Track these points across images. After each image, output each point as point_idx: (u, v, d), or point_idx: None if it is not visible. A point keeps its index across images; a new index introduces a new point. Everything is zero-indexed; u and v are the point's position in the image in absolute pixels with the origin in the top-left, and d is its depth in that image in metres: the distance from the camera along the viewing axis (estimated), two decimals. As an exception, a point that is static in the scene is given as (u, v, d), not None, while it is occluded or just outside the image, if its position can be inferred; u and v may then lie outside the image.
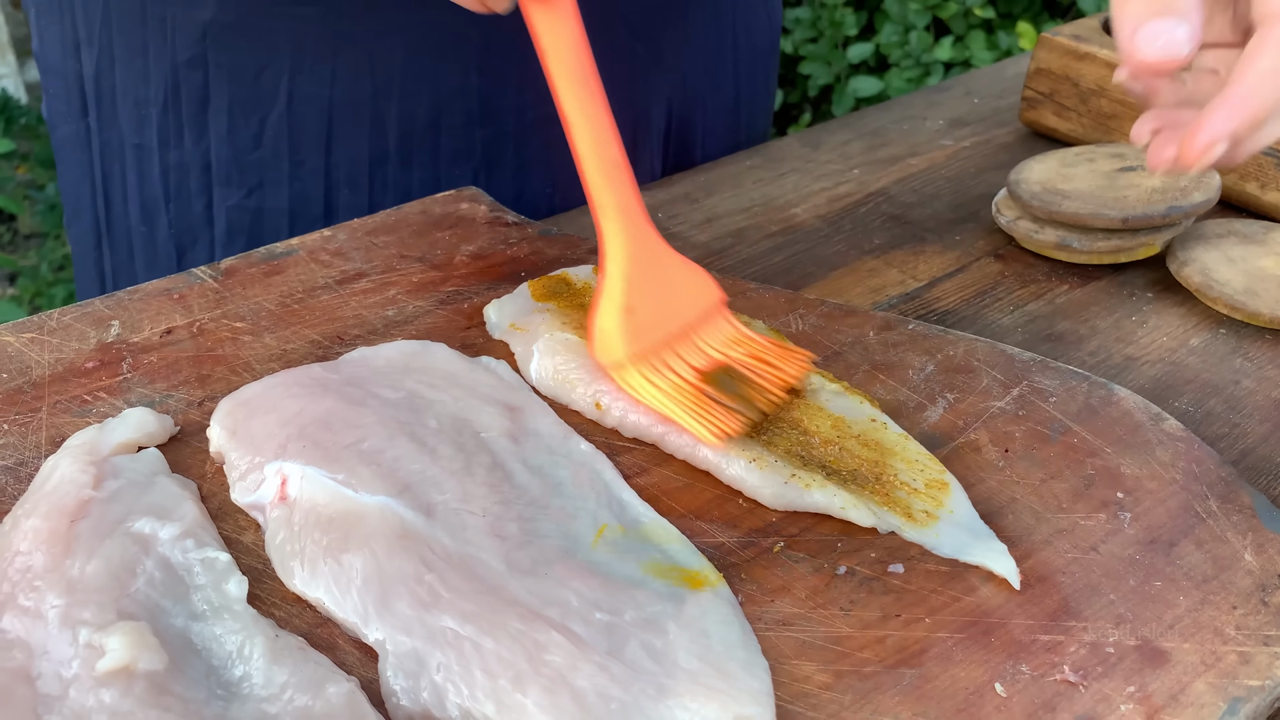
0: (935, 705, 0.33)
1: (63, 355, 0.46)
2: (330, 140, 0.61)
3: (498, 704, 0.31)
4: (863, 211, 0.63)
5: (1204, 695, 0.33)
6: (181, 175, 0.63)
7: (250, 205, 0.63)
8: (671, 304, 0.43)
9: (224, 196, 0.63)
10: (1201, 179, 0.56)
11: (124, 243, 0.67)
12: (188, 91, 0.60)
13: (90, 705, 0.30)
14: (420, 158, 0.63)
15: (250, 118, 0.61)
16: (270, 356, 0.46)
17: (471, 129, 0.64)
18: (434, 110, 0.62)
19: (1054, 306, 0.55)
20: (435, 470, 0.38)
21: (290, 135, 0.61)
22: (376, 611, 0.33)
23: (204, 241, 0.65)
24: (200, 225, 0.64)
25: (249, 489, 0.38)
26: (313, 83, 0.60)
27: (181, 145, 0.62)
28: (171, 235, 0.65)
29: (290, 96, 0.60)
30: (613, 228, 0.43)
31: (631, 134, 0.69)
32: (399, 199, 0.63)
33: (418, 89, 0.61)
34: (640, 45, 0.66)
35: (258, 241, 0.64)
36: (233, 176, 0.63)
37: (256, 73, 0.60)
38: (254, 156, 0.62)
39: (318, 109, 0.61)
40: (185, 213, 0.64)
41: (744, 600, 0.36)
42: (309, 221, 0.64)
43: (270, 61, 0.59)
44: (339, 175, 0.63)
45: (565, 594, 0.34)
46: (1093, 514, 0.39)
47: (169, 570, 0.35)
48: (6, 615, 0.32)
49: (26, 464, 0.40)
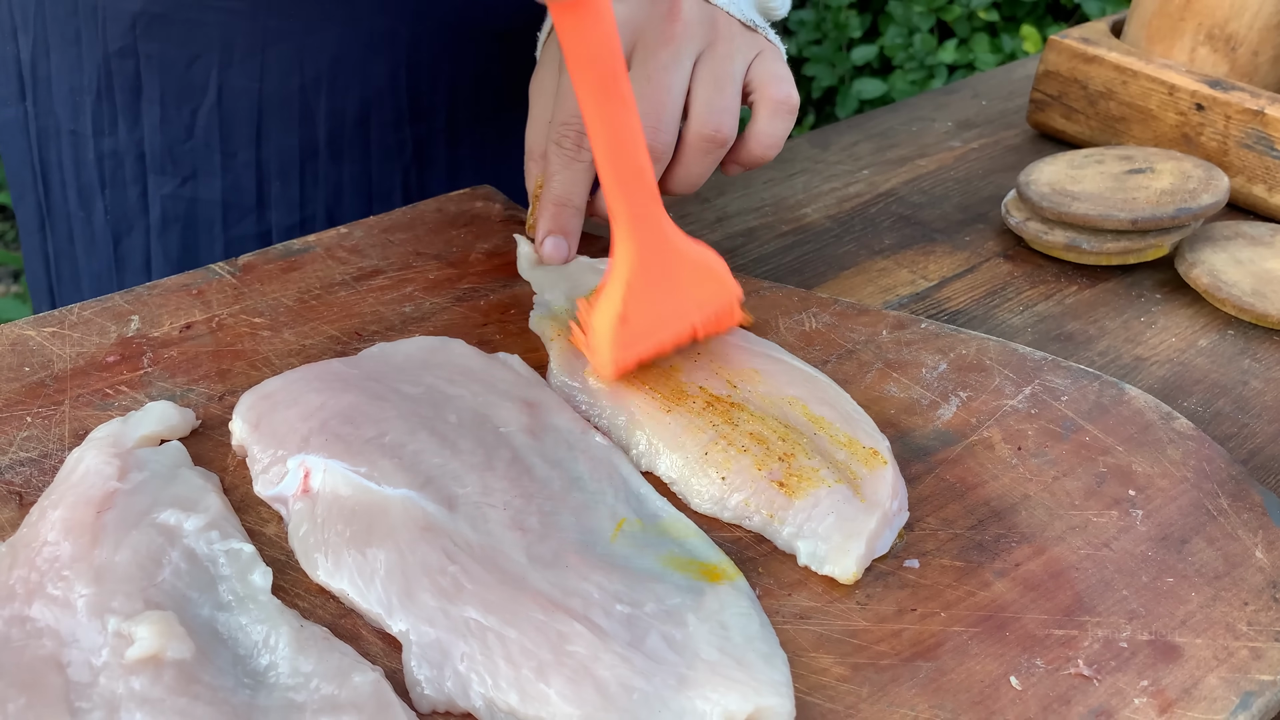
0: (951, 698, 0.33)
1: (84, 349, 0.46)
2: (260, 133, 0.62)
3: (521, 694, 0.31)
4: (873, 212, 0.64)
5: (1216, 689, 0.33)
6: (116, 163, 0.64)
7: (185, 194, 0.64)
8: (672, 314, 0.43)
9: (158, 185, 0.64)
10: (1210, 182, 0.57)
11: (64, 226, 0.67)
12: (120, 80, 0.61)
13: (121, 692, 0.30)
14: (351, 153, 0.64)
15: (182, 108, 0.61)
16: (290, 352, 0.47)
17: (402, 125, 0.64)
18: (363, 106, 0.63)
19: (1063, 307, 0.55)
20: (456, 464, 0.39)
21: (221, 127, 0.62)
22: (400, 602, 0.34)
23: (139, 229, 0.65)
24: (135, 213, 0.65)
25: (272, 481, 0.38)
26: (242, 76, 0.61)
27: (116, 133, 0.63)
28: (108, 221, 0.66)
29: (220, 88, 0.61)
30: (623, 234, 0.43)
31: None
32: (330, 193, 0.64)
33: (347, 85, 0.62)
34: None
35: (192, 230, 0.65)
36: (166, 166, 0.63)
37: (187, 64, 0.60)
38: (186, 146, 0.63)
39: (248, 102, 0.61)
40: (121, 200, 0.65)
41: (761, 594, 0.36)
42: (242, 212, 0.64)
43: (200, 53, 0.60)
44: (270, 168, 0.63)
45: (586, 586, 0.34)
46: (1105, 511, 0.40)
47: (194, 561, 0.35)
48: (36, 603, 0.33)
49: (50, 456, 0.41)
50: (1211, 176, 0.57)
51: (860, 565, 0.37)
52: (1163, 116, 0.65)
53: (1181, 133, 0.64)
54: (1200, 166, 0.58)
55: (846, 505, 0.38)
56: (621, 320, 0.42)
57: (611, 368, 0.42)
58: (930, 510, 0.40)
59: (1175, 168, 0.58)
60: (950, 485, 0.41)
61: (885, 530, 0.38)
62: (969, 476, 0.41)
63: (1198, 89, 0.63)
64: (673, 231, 0.44)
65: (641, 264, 0.43)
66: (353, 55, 0.61)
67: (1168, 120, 0.65)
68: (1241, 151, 0.62)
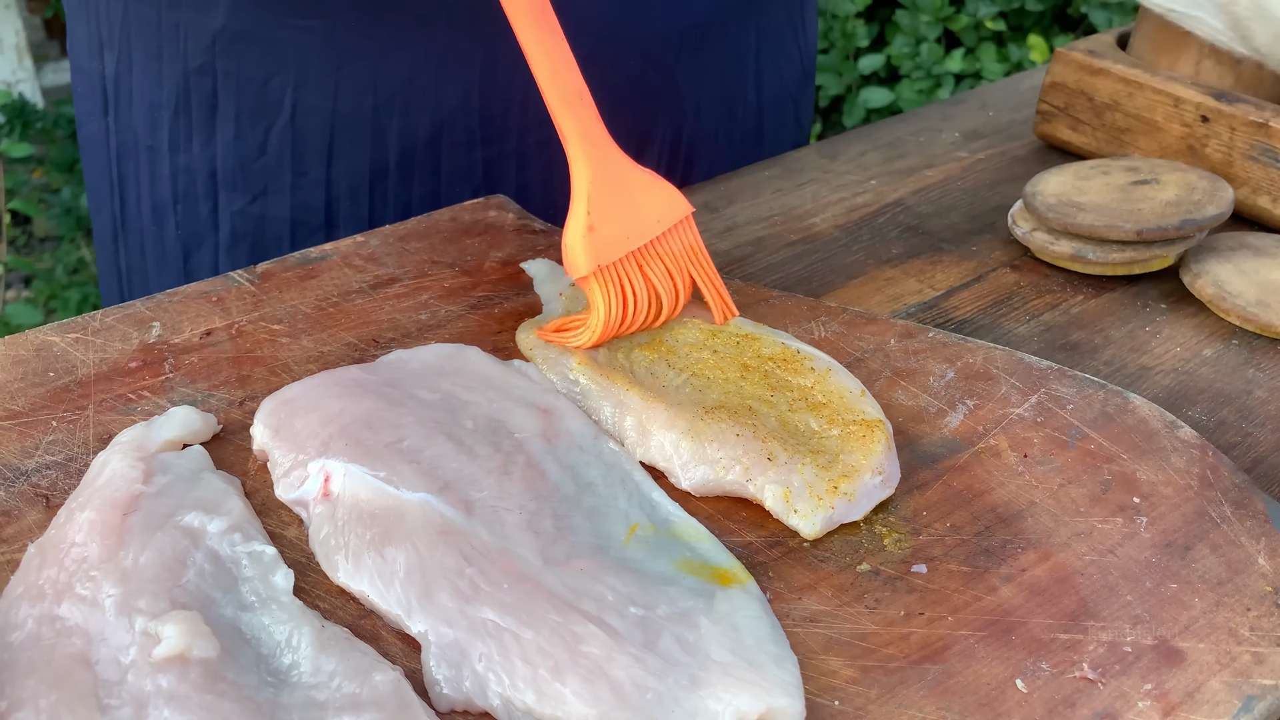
0: (959, 700, 0.34)
1: (106, 355, 0.47)
2: (332, 152, 0.62)
3: (538, 693, 0.32)
4: (880, 221, 0.64)
5: (1219, 693, 0.34)
6: (189, 179, 0.65)
7: (254, 212, 0.65)
8: (636, 219, 0.47)
9: (229, 201, 0.64)
10: (1215, 193, 0.58)
11: (136, 240, 0.68)
12: (197, 97, 0.62)
13: (149, 690, 0.31)
14: (421, 174, 0.64)
15: (256, 126, 0.62)
16: (308, 358, 0.47)
17: (473, 148, 0.64)
18: (435, 127, 0.63)
19: (1069, 316, 0.56)
20: (473, 469, 0.39)
21: (294, 145, 0.62)
22: (419, 603, 0.35)
23: (209, 245, 0.66)
24: (206, 229, 0.66)
25: (293, 485, 0.39)
26: (316, 95, 0.61)
27: (190, 149, 0.64)
28: (179, 237, 0.66)
29: (294, 107, 0.61)
30: (576, 152, 0.46)
31: (635, 154, 0.70)
32: (399, 214, 0.65)
33: (420, 106, 0.62)
34: (653, 73, 0.67)
35: (260, 247, 0.65)
36: (238, 182, 0.64)
37: (263, 82, 0.61)
38: (258, 164, 0.63)
39: (320, 121, 0.62)
40: (192, 216, 0.66)
41: (772, 598, 0.37)
42: (310, 231, 0.65)
43: (276, 71, 0.61)
44: (340, 187, 0.64)
45: (600, 589, 0.35)
46: (1110, 518, 0.40)
47: (217, 562, 0.36)
48: (65, 603, 0.34)
49: (76, 459, 0.41)
50: (1216, 188, 0.58)
51: (825, 525, 0.39)
52: (1168, 128, 0.65)
53: (1187, 144, 0.65)
54: (1205, 178, 0.59)
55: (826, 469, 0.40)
56: (590, 230, 0.45)
57: (589, 273, 0.45)
58: (937, 516, 0.41)
59: (1180, 179, 0.59)
60: (957, 492, 0.42)
61: (863, 499, 0.40)
62: (976, 483, 0.42)
63: (1203, 101, 0.64)
64: (620, 151, 0.47)
65: (598, 176, 0.46)
66: (427, 76, 0.61)
67: (1173, 132, 0.65)
68: (1246, 163, 0.63)
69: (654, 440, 0.42)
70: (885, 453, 0.41)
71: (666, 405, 0.42)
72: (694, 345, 0.47)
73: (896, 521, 0.40)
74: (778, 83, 0.75)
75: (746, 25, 0.71)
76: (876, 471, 0.40)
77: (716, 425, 0.41)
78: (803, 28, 0.77)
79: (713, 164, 0.74)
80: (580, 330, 0.46)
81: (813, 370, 0.45)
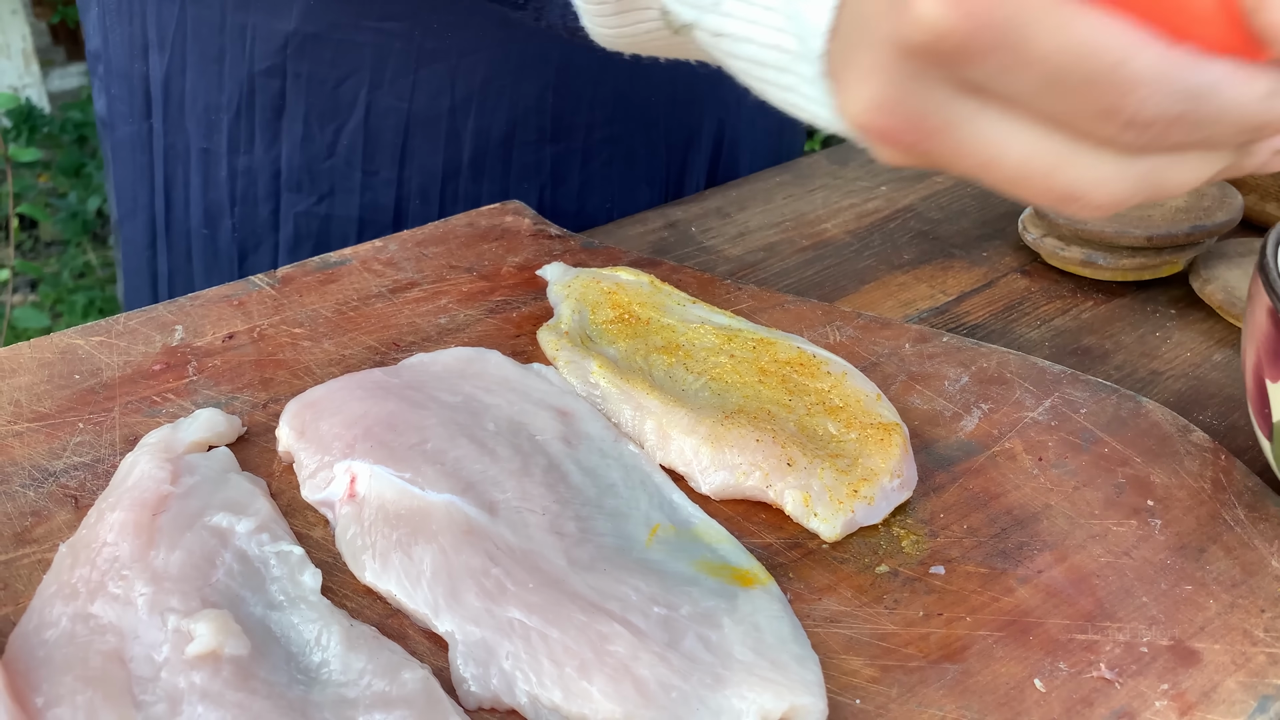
0: (978, 699, 0.34)
1: (130, 358, 0.48)
2: (405, 152, 0.62)
3: (565, 691, 0.33)
4: (892, 227, 0.65)
5: (1235, 693, 0.35)
6: (249, 181, 0.64)
7: (319, 212, 0.64)
8: None
9: (292, 202, 0.64)
10: (1224, 199, 0.58)
11: (182, 245, 0.68)
12: (263, 99, 0.62)
13: (182, 686, 0.31)
14: (492, 172, 0.64)
15: (326, 127, 0.62)
16: (330, 361, 0.48)
17: (543, 145, 0.65)
18: (509, 126, 0.63)
19: (1080, 322, 0.56)
20: (495, 470, 0.40)
21: (365, 146, 0.62)
22: (446, 603, 0.35)
23: (268, 245, 0.66)
24: (265, 230, 0.66)
25: (319, 486, 0.40)
26: (392, 95, 0.61)
27: (252, 151, 0.63)
28: (235, 239, 0.66)
29: (369, 108, 0.61)
30: None
31: (683, 152, 0.70)
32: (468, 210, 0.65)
33: (496, 105, 0.63)
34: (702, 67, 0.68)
35: (324, 247, 0.65)
36: (303, 183, 0.64)
37: (336, 83, 0.61)
38: (326, 165, 0.63)
39: (395, 121, 0.62)
40: (250, 217, 0.65)
41: (792, 598, 0.38)
42: (378, 229, 0.65)
43: (351, 73, 0.61)
44: (411, 186, 0.64)
45: (624, 589, 0.36)
46: (1124, 520, 0.41)
47: (246, 562, 0.37)
48: (98, 601, 0.34)
49: (103, 461, 0.42)
50: (1225, 195, 0.59)
51: (845, 528, 0.39)
52: (1177, 135, 0.66)
53: (1195, 151, 0.65)
54: (1214, 185, 0.60)
55: (845, 473, 0.41)
56: None
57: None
58: (955, 518, 0.41)
59: (1189, 186, 0.60)
60: (974, 494, 0.42)
61: (881, 502, 0.40)
62: (992, 486, 0.43)
63: (1211, 109, 0.64)
64: None
65: None
66: (504, 76, 0.62)
67: (1181, 139, 0.66)
68: (1254, 170, 0.63)
69: (674, 445, 0.42)
70: (903, 456, 0.41)
71: (687, 410, 0.43)
72: (711, 350, 0.47)
73: (914, 523, 0.41)
74: None
75: None
76: (894, 475, 0.41)
77: (737, 431, 0.42)
78: None
79: (752, 156, 0.75)
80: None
81: (829, 374, 0.46)
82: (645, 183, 0.70)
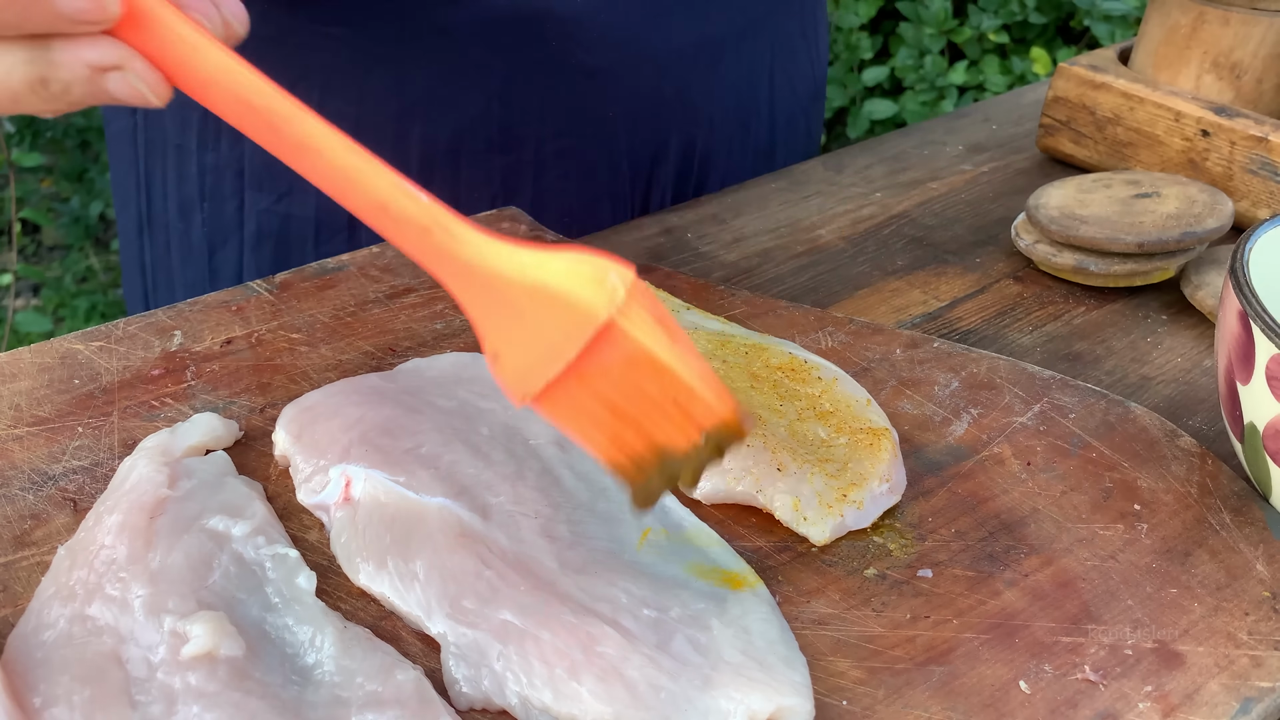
0: (964, 700, 0.35)
1: (130, 363, 0.48)
2: None
3: (555, 692, 0.33)
4: (885, 233, 0.65)
5: (1218, 695, 0.35)
6: (217, 177, 0.66)
7: (279, 210, 0.66)
8: (543, 340, 0.32)
9: (255, 200, 0.66)
10: (1215, 206, 0.59)
11: (162, 235, 0.70)
12: None
13: (178, 687, 0.32)
14: (441, 180, 0.65)
15: None
16: (327, 366, 0.49)
17: (491, 156, 0.66)
18: (456, 135, 0.64)
19: (1071, 327, 0.57)
20: (489, 474, 0.40)
21: None
22: (439, 605, 0.36)
23: (234, 242, 0.67)
24: (231, 226, 0.67)
25: (314, 490, 0.40)
26: (341, 100, 0.63)
27: (219, 148, 0.65)
28: (204, 233, 0.68)
29: (320, 112, 0.63)
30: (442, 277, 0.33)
31: (648, 168, 0.71)
32: None
33: (441, 114, 0.64)
34: (668, 87, 0.69)
35: (285, 245, 0.67)
36: (264, 182, 0.65)
37: (290, 86, 0.62)
38: (284, 164, 0.65)
39: (345, 126, 0.62)
40: (218, 213, 0.67)
41: (781, 601, 0.38)
42: (333, 230, 0.66)
43: (302, 77, 0.62)
44: None
45: (615, 592, 0.36)
46: (1111, 524, 0.41)
47: (242, 565, 0.37)
48: (95, 603, 0.35)
49: (102, 464, 0.43)
50: (1216, 201, 0.59)
51: (834, 532, 0.40)
52: (1169, 142, 0.67)
53: (1187, 158, 0.66)
54: (1205, 191, 0.60)
55: (835, 478, 0.41)
56: (492, 358, 0.33)
57: (518, 401, 0.32)
58: (943, 522, 0.42)
59: (1181, 192, 0.60)
60: (962, 499, 0.43)
61: (870, 506, 0.41)
62: (980, 490, 0.43)
63: (1203, 115, 0.65)
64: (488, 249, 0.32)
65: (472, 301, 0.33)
66: (449, 85, 0.63)
67: (1174, 146, 0.66)
68: (1246, 176, 0.64)
69: None
70: (892, 461, 0.42)
71: None
72: (703, 355, 0.48)
73: (903, 527, 0.41)
74: (790, 97, 0.77)
75: (761, 41, 0.72)
76: (884, 479, 0.41)
77: None
78: (815, 43, 0.78)
79: (725, 176, 0.75)
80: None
81: (820, 379, 0.46)
82: (608, 197, 0.70)
